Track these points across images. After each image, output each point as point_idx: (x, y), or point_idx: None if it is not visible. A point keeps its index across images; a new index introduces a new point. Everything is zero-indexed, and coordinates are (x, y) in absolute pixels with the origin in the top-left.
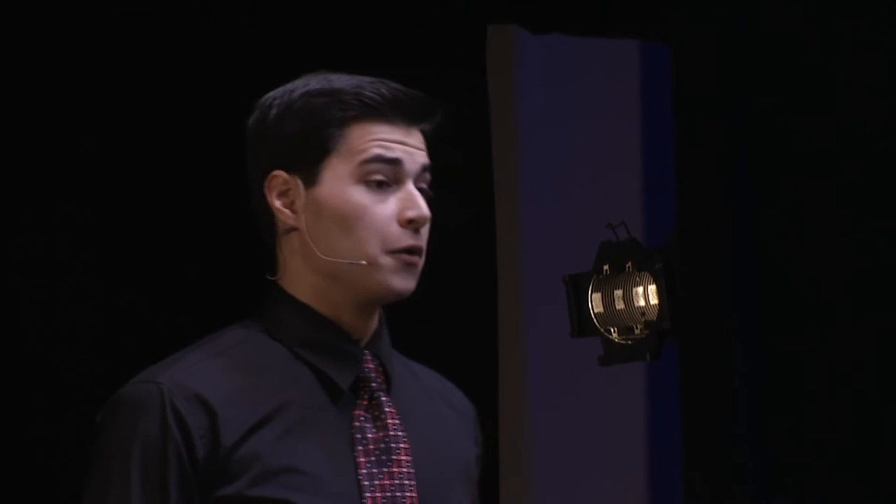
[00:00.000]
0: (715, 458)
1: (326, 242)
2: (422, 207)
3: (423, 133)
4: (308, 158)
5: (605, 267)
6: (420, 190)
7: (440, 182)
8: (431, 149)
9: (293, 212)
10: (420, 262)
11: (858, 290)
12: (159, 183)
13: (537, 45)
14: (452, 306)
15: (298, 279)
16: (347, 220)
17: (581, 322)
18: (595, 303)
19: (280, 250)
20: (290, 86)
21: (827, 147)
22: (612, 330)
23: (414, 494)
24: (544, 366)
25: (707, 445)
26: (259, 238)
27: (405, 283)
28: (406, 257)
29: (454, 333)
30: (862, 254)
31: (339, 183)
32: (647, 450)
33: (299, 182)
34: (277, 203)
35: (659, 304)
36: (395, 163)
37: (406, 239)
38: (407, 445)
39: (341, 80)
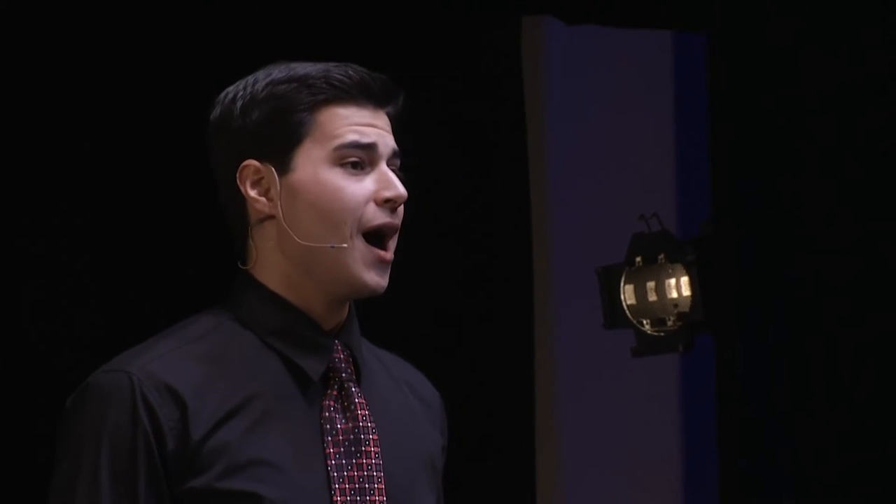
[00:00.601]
0: (749, 449)
1: (304, 228)
2: (398, 187)
3: (389, 116)
4: (280, 145)
5: (638, 258)
6: (393, 171)
7: (477, 172)
8: (397, 135)
9: (268, 200)
10: (391, 256)
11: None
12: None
13: (571, 36)
14: (488, 297)
15: (271, 268)
16: (324, 203)
17: (613, 314)
18: (627, 294)
19: (252, 239)
20: (250, 78)
21: (864, 142)
22: (644, 322)
23: (382, 486)
24: (576, 357)
25: (741, 436)
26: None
27: (378, 280)
28: (381, 253)
29: (489, 325)
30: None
31: (313, 167)
32: (680, 441)
33: (272, 170)
34: (252, 193)
35: (691, 295)
36: (370, 147)
37: (382, 216)
38: (376, 437)
39: (305, 67)
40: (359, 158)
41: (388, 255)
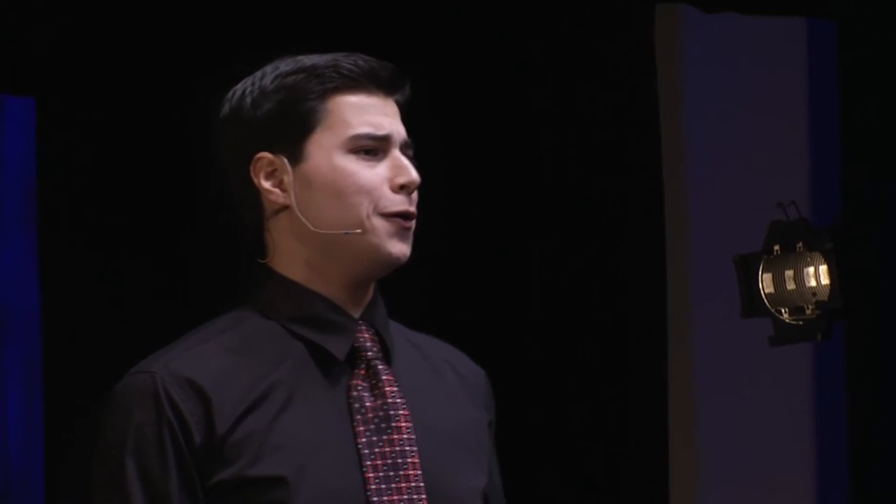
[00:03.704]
0: (882, 437)
1: (319, 215)
2: (412, 173)
3: (397, 104)
4: (292, 136)
5: (776, 247)
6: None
7: (612, 162)
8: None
9: (282, 190)
10: (412, 224)
11: None
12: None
13: (706, 24)
14: (620, 287)
15: (290, 258)
16: (339, 189)
17: (751, 302)
18: (765, 283)
19: (268, 232)
20: (257, 73)
21: None
22: (782, 310)
23: (416, 460)
24: (713, 346)
25: (874, 425)
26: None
27: (400, 248)
28: (400, 221)
29: (622, 315)
30: None
31: (326, 154)
32: (815, 430)
33: (285, 160)
34: (266, 184)
35: (830, 284)
36: (384, 138)
37: (401, 203)
38: (406, 412)
39: (312, 58)
40: (372, 147)
41: (408, 223)
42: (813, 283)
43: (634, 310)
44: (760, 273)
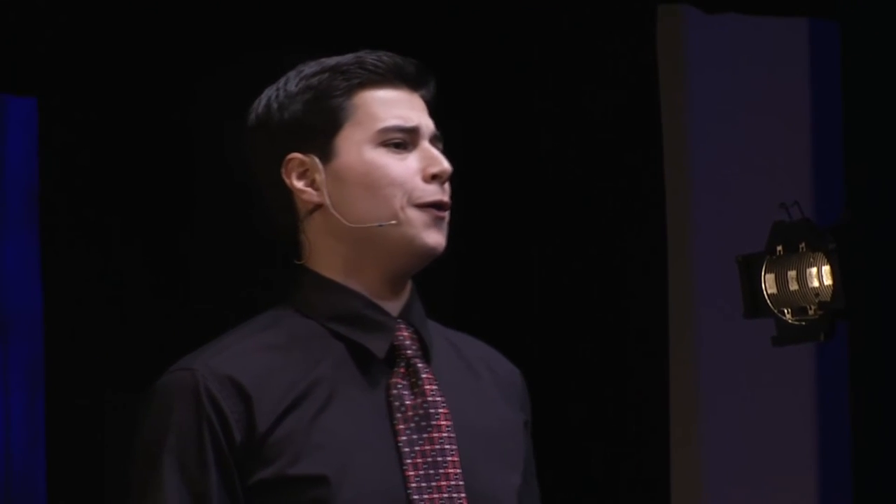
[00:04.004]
0: (885, 437)
1: (353, 210)
2: (443, 162)
3: (423, 100)
4: (321, 134)
5: (779, 247)
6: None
7: (612, 163)
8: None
9: (315, 189)
10: (448, 216)
11: None
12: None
13: (708, 25)
14: (621, 287)
15: (327, 257)
16: (371, 182)
17: (754, 302)
18: (768, 283)
19: (303, 233)
20: (281, 80)
21: None
22: (785, 311)
23: (455, 458)
24: (715, 346)
25: (877, 425)
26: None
27: (436, 238)
28: (435, 212)
29: (623, 315)
30: None
31: (356, 149)
32: (817, 431)
33: (316, 159)
34: (299, 184)
35: (833, 284)
36: (413, 130)
37: (434, 193)
38: (446, 410)
39: (335, 58)
40: (401, 140)
41: (442, 213)
42: (816, 283)
43: (636, 310)
44: (763, 273)
